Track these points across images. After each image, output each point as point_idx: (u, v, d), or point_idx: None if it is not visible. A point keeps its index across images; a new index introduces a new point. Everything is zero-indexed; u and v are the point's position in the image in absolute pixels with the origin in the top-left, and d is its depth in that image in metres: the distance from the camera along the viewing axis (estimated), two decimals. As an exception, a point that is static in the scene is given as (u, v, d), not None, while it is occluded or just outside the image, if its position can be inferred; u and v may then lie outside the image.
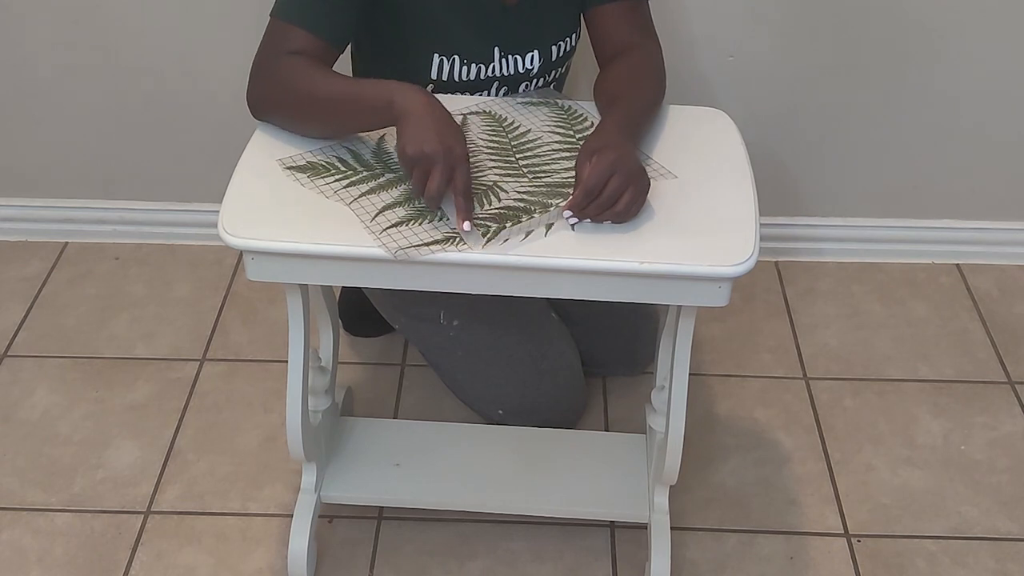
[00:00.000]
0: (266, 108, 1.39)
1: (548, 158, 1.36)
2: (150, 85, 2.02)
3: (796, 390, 1.90)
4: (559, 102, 1.50)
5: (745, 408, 1.87)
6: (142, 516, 1.67)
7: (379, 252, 1.21)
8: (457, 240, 1.22)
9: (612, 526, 1.66)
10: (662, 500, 1.55)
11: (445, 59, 1.48)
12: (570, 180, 1.31)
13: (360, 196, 1.29)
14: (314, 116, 1.36)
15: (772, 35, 1.94)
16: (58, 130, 2.09)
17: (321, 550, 1.61)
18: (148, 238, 2.21)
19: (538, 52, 1.53)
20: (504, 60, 1.51)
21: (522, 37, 1.51)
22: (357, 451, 1.64)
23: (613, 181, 1.21)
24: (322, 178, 1.31)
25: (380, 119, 1.31)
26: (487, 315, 1.67)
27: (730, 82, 1.98)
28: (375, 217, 1.25)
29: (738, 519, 1.68)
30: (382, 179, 1.32)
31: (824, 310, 2.08)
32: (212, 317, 2.04)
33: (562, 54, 1.56)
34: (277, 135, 1.39)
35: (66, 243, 2.21)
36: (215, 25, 1.93)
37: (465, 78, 1.51)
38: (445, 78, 1.50)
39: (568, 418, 1.75)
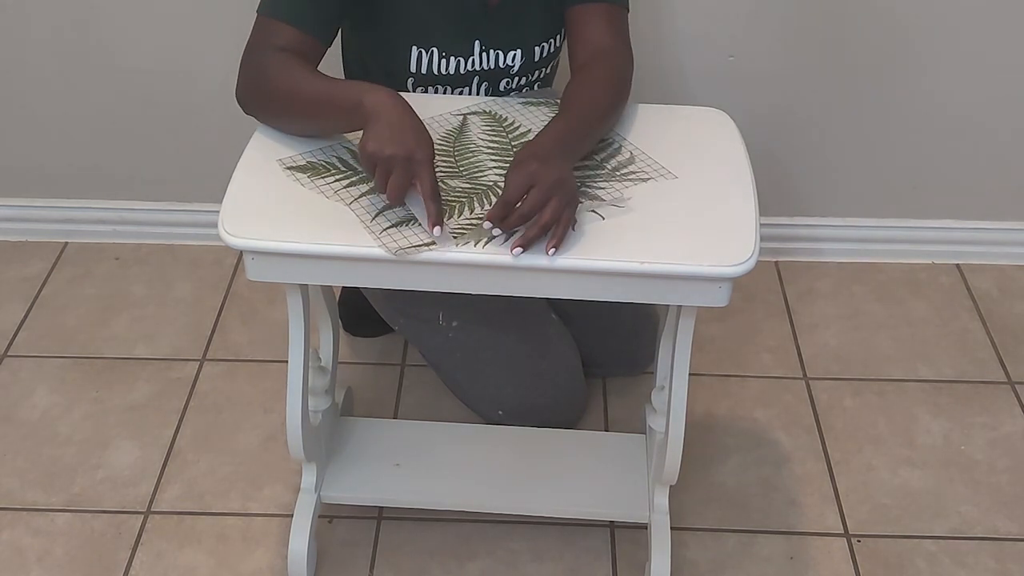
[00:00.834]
0: (252, 105, 1.39)
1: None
2: (150, 85, 2.02)
3: (796, 390, 1.90)
4: (559, 102, 1.49)
5: (745, 408, 1.87)
6: (142, 516, 1.67)
7: (379, 252, 1.21)
8: (458, 240, 1.22)
9: (612, 526, 1.66)
10: (662, 500, 1.55)
11: (424, 51, 1.49)
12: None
13: (360, 196, 1.29)
14: (295, 115, 1.36)
15: (772, 35, 1.94)
16: (58, 130, 2.09)
17: (321, 550, 1.61)
18: (148, 238, 2.21)
19: (520, 51, 1.53)
20: (484, 54, 1.52)
21: (504, 36, 1.52)
22: (357, 451, 1.64)
23: (534, 193, 1.19)
24: (322, 178, 1.31)
25: (351, 120, 1.29)
26: (486, 316, 1.67)
27: (730, 82, 1.98)
28: (375, 217, 1.25)
29: (738, 519, 1.68)
30: (382, 179, 1.31)
31: (824, 310, 2.08)
32: (212, 317, 2.04)
33: (545, 55, 1.57)
34: (277, 135, 1.39)
35: (66, 243, 2.21)
36: (215, 25, 1.93)
37: (444, 71, 1.51)
38: (424, 71, 1.51)
39: (568, 418, 1.75)
